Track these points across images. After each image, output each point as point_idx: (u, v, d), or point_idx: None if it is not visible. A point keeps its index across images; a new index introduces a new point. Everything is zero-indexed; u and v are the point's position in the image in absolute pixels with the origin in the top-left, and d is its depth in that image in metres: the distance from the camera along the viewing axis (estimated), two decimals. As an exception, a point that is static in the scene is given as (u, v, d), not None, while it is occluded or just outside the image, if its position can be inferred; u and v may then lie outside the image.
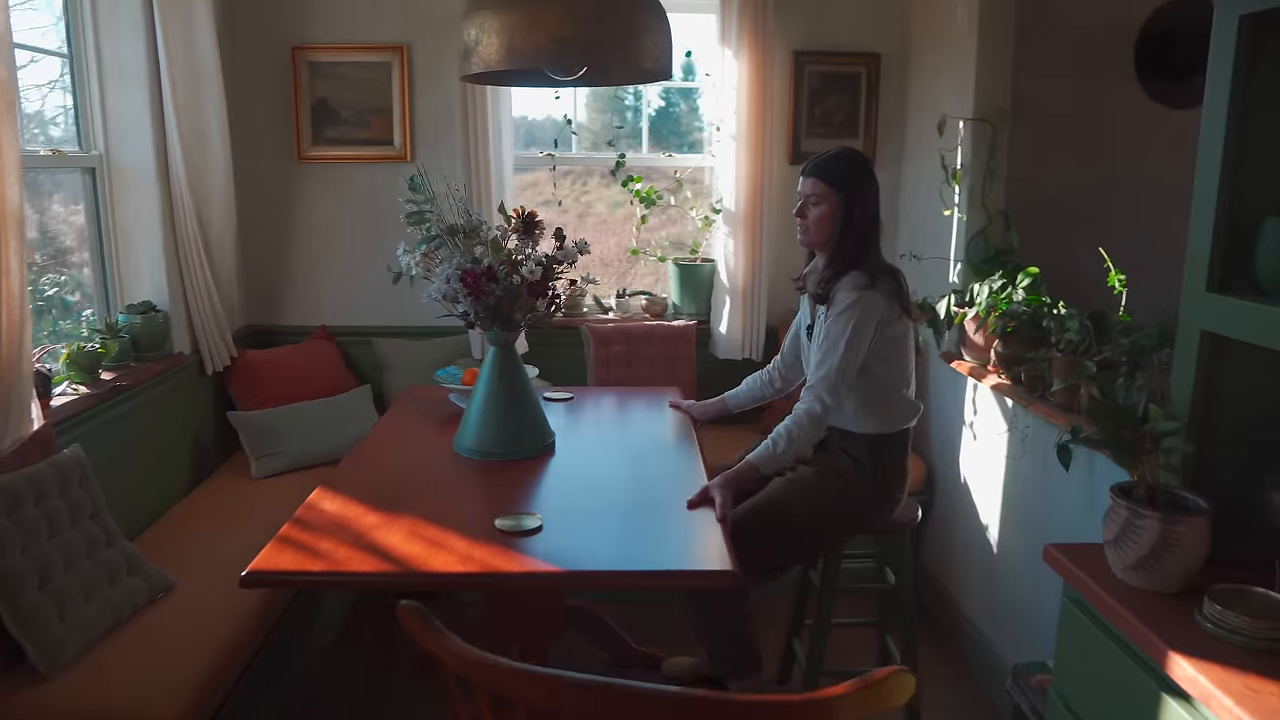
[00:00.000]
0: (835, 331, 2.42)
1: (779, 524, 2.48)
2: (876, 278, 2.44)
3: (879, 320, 2.43)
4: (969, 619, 3.24)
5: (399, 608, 1.29)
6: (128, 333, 3.18)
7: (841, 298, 2.44)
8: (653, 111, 4.28)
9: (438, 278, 2.50)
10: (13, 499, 2.14)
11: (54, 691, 2.04)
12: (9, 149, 2.22)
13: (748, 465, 2.43)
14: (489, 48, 2.34)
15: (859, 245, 2.48)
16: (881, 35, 4.01)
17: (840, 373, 2.40)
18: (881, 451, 2.54)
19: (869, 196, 2.50)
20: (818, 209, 2.50)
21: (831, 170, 2.49)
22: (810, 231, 2.54)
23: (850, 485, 2.52)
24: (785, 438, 2.41)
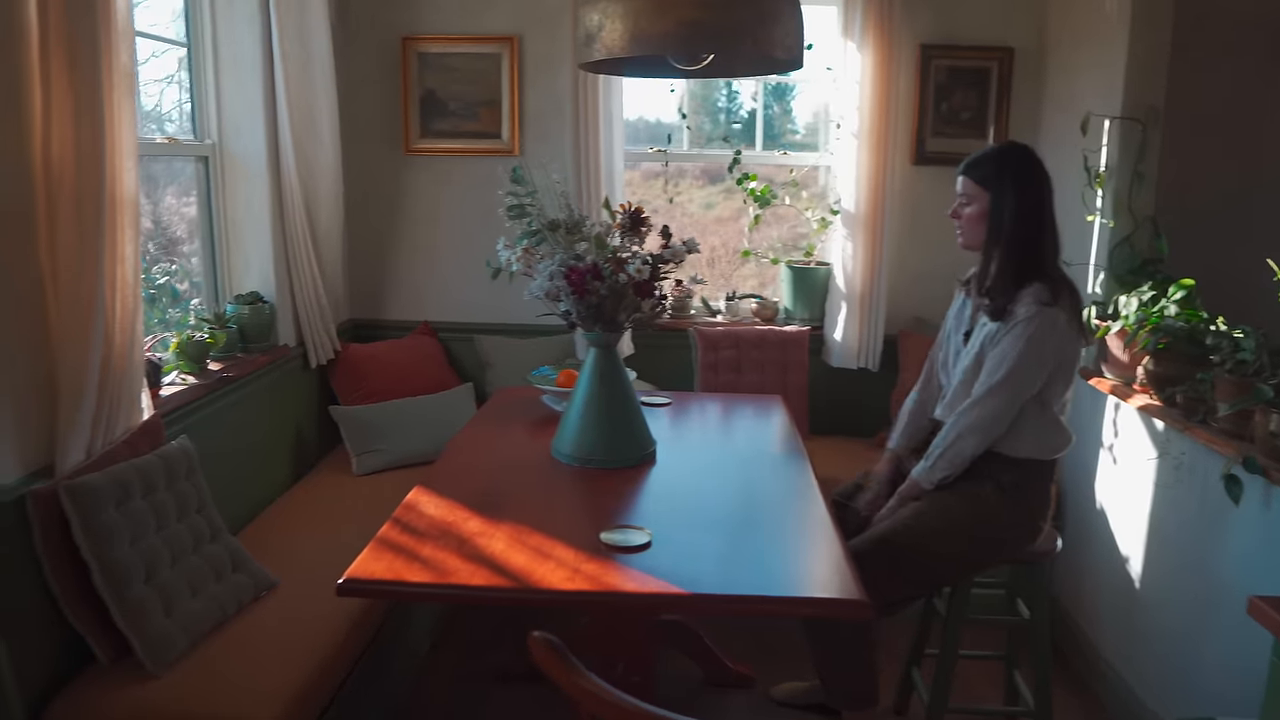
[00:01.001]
0: (1012, 347, 2.25)
1: (913, 551, 2.29)
2: (1059, 293, 2.26)
3: (1058, 341, 2.25)
4: (1105, 659, 2.98)
5: (530, 639, 1.18)
6: (235, 323, 3.17)
7: (1022, 312, 2.25)
8: (745, 114, 4.11)
9: (540, 274, 2.39)
10: (122, 490, 2.11)
11: (160, 689, 2.00)
12: (126, 133, 2.19)
13: (912, 484, 2.38)
14: (612, 33, 2.22)
15: (1023, 250, 2.29)
16: (1016, 28, 3.77)
17: (1014, 391, 2.26)
18: (1029, 477, 2.34)
19: (1028, 196, 2.30)
20: (969, 209, 2.37)
21: (981, 168, 2.34)
22: (965, 233, 2.40)
23: (993, 511, 2.32)
24: (939, 457, 2.31)
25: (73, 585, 2.03)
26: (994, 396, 2.26)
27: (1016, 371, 2.24)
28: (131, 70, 2.23)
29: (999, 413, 2.26)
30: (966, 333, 2.46)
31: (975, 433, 2.28)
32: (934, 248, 3.85)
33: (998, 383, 2.25)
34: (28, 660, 1.98)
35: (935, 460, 2.34)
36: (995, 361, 2.27)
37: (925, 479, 2.35)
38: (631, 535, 2.00)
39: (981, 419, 2.28)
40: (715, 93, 4.12)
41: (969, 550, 2.33)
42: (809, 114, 4.13)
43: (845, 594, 1.81)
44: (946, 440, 2.32)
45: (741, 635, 3.25)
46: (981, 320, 2.38)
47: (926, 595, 2.63)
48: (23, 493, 1.98)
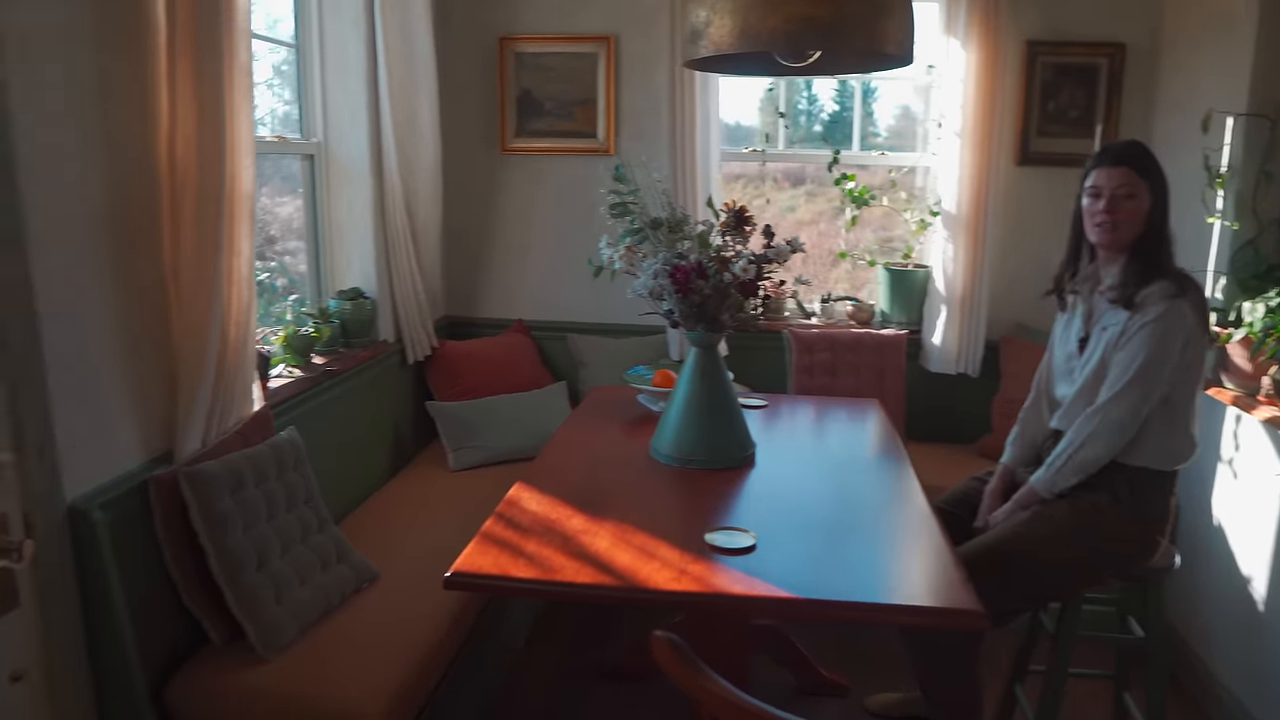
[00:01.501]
0: (1141, 347, 2.15)
1: (1022, 561, 2.21)
2: (1185, 287, 2.16)
3: (1186, 337, 2.14)
4: (1222, 685, 2.84)
5: (653, 638, 1.16)
6: (337, 318, 3.24)
7: (1150, 307, 2.15)
8: (826, 116, 4.04)
9: (644, 272, 2.38)
10: (236, 479, 2.16)
11: (270, 673, 2.05)
12: (245, 131, 2.25)
13: (1029, 491, 2.30)
14: (720, 29, 2.19)
15: (1165, 249, 2.21)
16: (1128, 23, 3.63)
17: (1144, 392, 2.15)
18: (1148, 488, 2.24)
19: (1167, 194, 2.24)
20: (1131, 202, 2.21)
21: (1144, 160, 2.22)
22: (1120, 229, 2.22)
23: (1108, 522, 2.23)
24: (1065, 462, 2.22)
25: (191, 570, 2.10)
26: (1122, 399, 2.16)
27: (1146, 371, 2.14)
28: (249, 69, 2.29)
29: (1128, 416, 2.16)
30: (1082, 339, 2.36)
31: (1102, 439, 2.19)
32: (1038, 251, 3.72)
33: (1126, 384, 2.16)
34: (150, 640, 2.05)
35: (1059, 468, 2.24)
36: (1123, 363, 2.17)
37: (1045, 488, 2.26)
38: (736, 537, 1.98)
39: (1109, 424, 2.18)
40: (796, 95, 4.06)
41: (1081, 562, 2.24)
42: (891, 116, 4.05)
43: (959, 604, 1.75)
44: (1071, 447, 2.22)
45: (834, 643, 3.19)
46: (1100, 326, 2.28)
47: (1035, 608, 2.54)
48: (145, 478, 2.05)
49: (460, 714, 2.43)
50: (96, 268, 1.96)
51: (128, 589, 1.97)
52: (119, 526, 1.97)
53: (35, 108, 1.78)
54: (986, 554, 2.22)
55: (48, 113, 1.82)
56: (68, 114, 1.87)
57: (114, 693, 1.96)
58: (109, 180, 1.98)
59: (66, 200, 1.87)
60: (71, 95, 1.88)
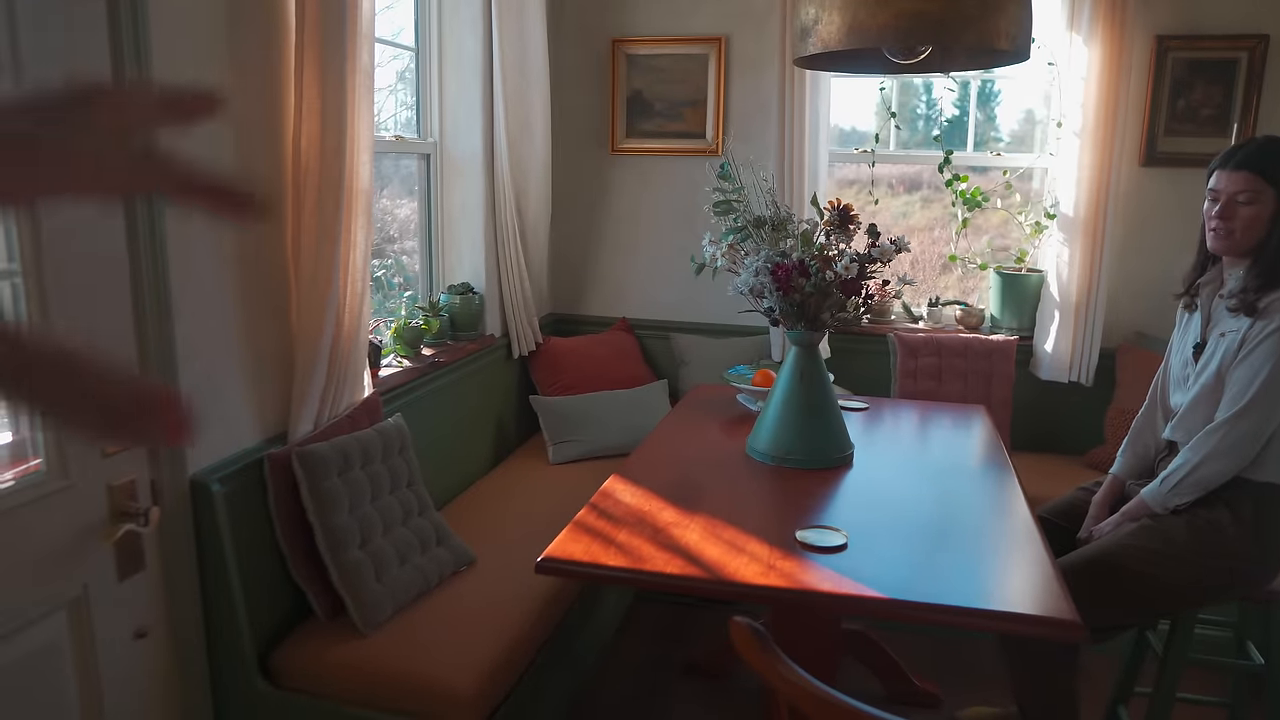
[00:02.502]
0: (1265, 360, 2.05)
1: (1129, 574, 2.12)
2: None
3: None
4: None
5: (731, 623, 1.17)
6: (447, 312, 3.35)
7: (1274, 315, 2.06)
8: (946, 120, 3.93)
9: (746, 270, 2.38)
10: (344, 460, 2.26)
11: (369, 647, 2.13)
12: (364, 129, 2.35)
13: (1139, 504, 2.22)
14: (829, 26, 2.19)
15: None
16: (1273, 12, 3.42)
17: (1268, 409, 2.06)
18: (1272, 505, 2.11)
19: None
20: (1250, 208, 2.11)
21: (1266, 162, 2.10)
22: (1236, 235, 2.14)
23: (1225, 541, 2.11)
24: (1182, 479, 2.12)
25: (299, 545, 2.20)
26: (1245, 418, 2.06)
27: (1270, 385, 2.03)
28: (371, 70, 2.39)
29: (1250, 435, 2.06)
30: (1198, 345, 2.25)
31: (1223, 458, 2.08)
32: (1161, 257, 3.56)
33: (1250, 401, 2.05)
34: (260, 609, 2.17)
35: (1175, 485, 2.15)
36: (1246, 376, 2.07)
37: (1158, 502, 2.17)
38: (827, 535, 1.96)
39: (1231, 443, 2.07)
40: (914, 99, 3.98)
41: (1194, 580, 2.13)
42: (1014, 120, 3.92)
43: (1055, 612, 1.69)
44: (1189, 465, 2.12)
45: (928, 654, 3.12)
46: (1218, 332, 2.18)
47: (1140, 624, 2.43)
48: (261, 455, 2.17)
49: (548, 696, 2.48)
50: (224, 257, 2.09)
51: (241, 559, 2.09)
52: (235, 500, 2.09)
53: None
54: (1089, 565, 2.14)
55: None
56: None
57: (226, 655, 2.08)
58: (239, 174, 2.10)
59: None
60: (205, 93, 2.00)
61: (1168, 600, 2.17)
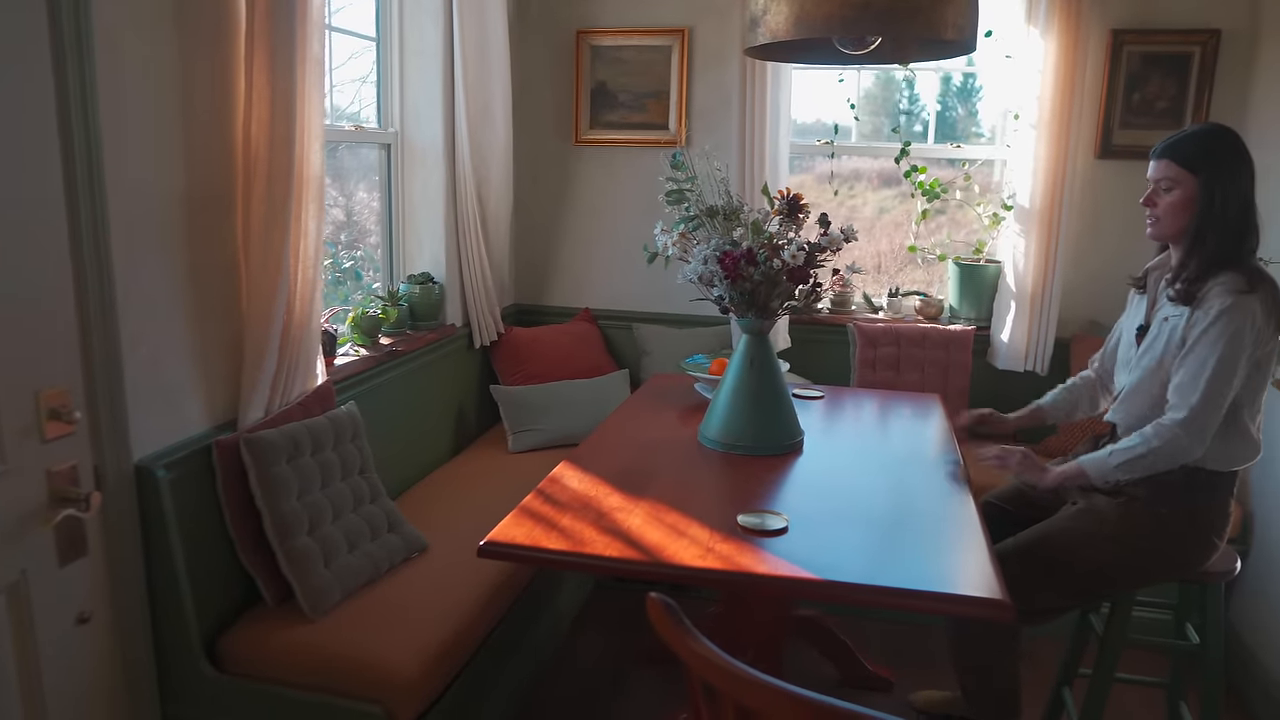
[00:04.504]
0: (1206, 346, 2.03)
1: (1065, 557, 2.16)
2: (1255, 283, 2.04)
3: (1255, 335, 2.03)
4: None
5: (648, 598, 1.19)
6: (406, 301, 3.35)
7: (1213, 303, 2.04)
8: (928, 115, 3.96)
9: (695, 258, 2.41)
10: (294, 447, 2.27)
11: (315, 633, 2.14)
12: (314, 117, 2.35)
13: (1077, 469, 2.17)
14: (778, 16, 2.21)
15: (1232, 239, 2.08)
16: (1225, 7, 3.47)
17: (1217, 405, 2.04)
18: (1203, 489, 2.14)
19: (1236, 181, 2.09)
20: (1169, 195, 2.14)
21: (1185, 150, 2.12)
22: (1161, 222, 2.17)
23: (1160, 524, 2.15)
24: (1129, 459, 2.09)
25: (247, 531, 2.21)
26: (1194, 421, 2.04)
27: (1215, 382, 2.02)
28: (321, 59, 2.39)
29: (1199, 434, 2.05)
30: (1141, 328, 2.27)
31: (1170, 456, 2.07)
32: (1115, 247, 3.61)
33: (1199, 401, 2.03)
34: (209, 594, 2.18)
35: (1118, 465, 2.12)
36: (1191, 371, 2.05)
37: (1100, 475, 2.15)
38: (769, 519, 1.99)
39: (1185, 445, 2.05)
40: (896, 94, 4.01)
41: (1128, 563, 2.17)
42: (996, 112, 3.95)
43: (986, 593, 1.72)
44: (1134, 454, 2.09)
45: (884, 638, 3.16)
46: (1161, 315, 2.19)
47: (1080, 607, 2.47)
48: (209, 442, 2.17)
49: (499, 683, 2.50)
50: (172, 243, 2.09)
51: (188, 545, 2.10)
52: (182, 486, 2.10)
53: (119, 95, 1.90)
54: (1026, 551, 2.18)
55: (130, 99, 1.94)
56: (150, 101, 2.00)
57: (171, 640, 2.09)
58: (187, 162, 2.11)
59: (146, 182, 2.00)
60: (154, 83, 2.00)
61: (1103, 582, 2.20)
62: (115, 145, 1.90)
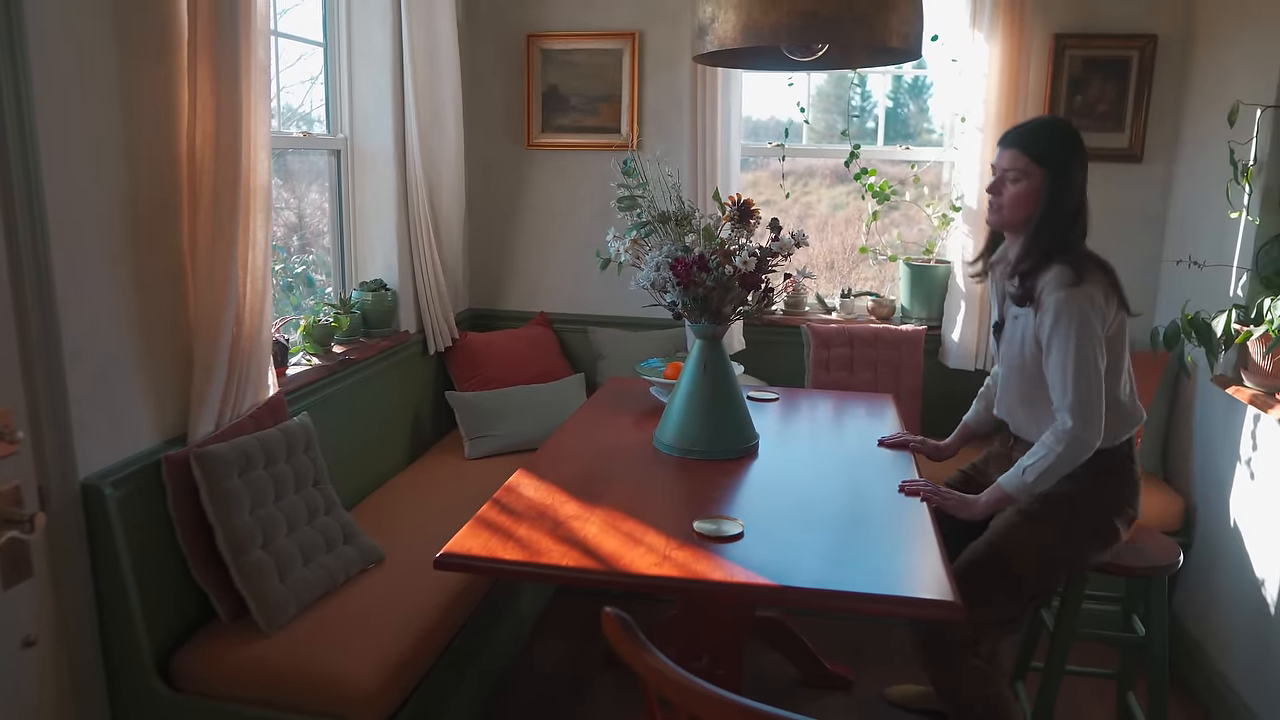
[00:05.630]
0: (1059, 347, 2.09)
1: (1010, 561, 2.21)
2: (1083, 271, 2.10)
3: (1100, 316, 2.09)
4: (1230, 687, 2.79)
5: (603, 613, 1.20)
6: (359, 309, 3.32)
7: (1051, 301, 2.09)
8: (879, 113, 4.02)
9: (647, 265, 2.42)
10: (245, 460, 2.24)
11: (270, 648, 2.12)
12: (260, 127, 2.33)
13: (1000, 493, 2.19)
14: (725, 24, 2.22)
15: (1062, 231, 2.14)
16: (1161, 14, 3.56)
17: (1086, 394, 2.07)
18: (1105, 468, 2.20)
19: (1078, 175, 2.16)
20: (1016, 186, 2.18)
21: (1037, 142, 2.17)
22: (1004, 211, 2.22)
23: (1075, 504, 2.21)
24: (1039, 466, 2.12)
25: (200, 547, 2.18)
26: (1082, 414, 2.08)
27: (1081, 372, 2.07)
28: (267, 67, 2.37)
29: (1093, 427, 2.09)
30: (997, 324, 2.32)
31: (1076, 456, 2.11)
32: (1063, 247, 3.69)
33: (1075, 399, 2.07)
34: (162, 613, 2.15)
35: (1035, 479, 2.14)
36: (1057, 378, 2.10)
37: (1021, 492, 2.18)
38: (724, 525, 2.01)
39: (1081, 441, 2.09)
40: (848, 91, 4.06)
41: (1061, 548, 2.22)
42: (947, 112, 4.01)
43: (939, 595, 1.76)
44: (1045, 463, 2.12)
45: (846, 637, 3.20)
46: (1011, 314, 2.25)
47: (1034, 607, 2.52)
48: (158, 458, 2.14)
49: (460, 693, 2.49)
50: (115, 256, 2.05)
51: (139, 564, 2.07)
52: (131, 503, 2.07)
53: (57, 103, 1.87)
54: (976, 564, 2.22)
55: (69, 108, 1.90)
56: (89, 109, 1.96)
57: (122, 660, 2.06)
58: (129, 172, 2.07)
59: (87, 191, 1.96)
60: (93, 91, 1.97)
61: (1049, 574, 2.24)
62: (54, 155, 1.86)
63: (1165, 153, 3.62)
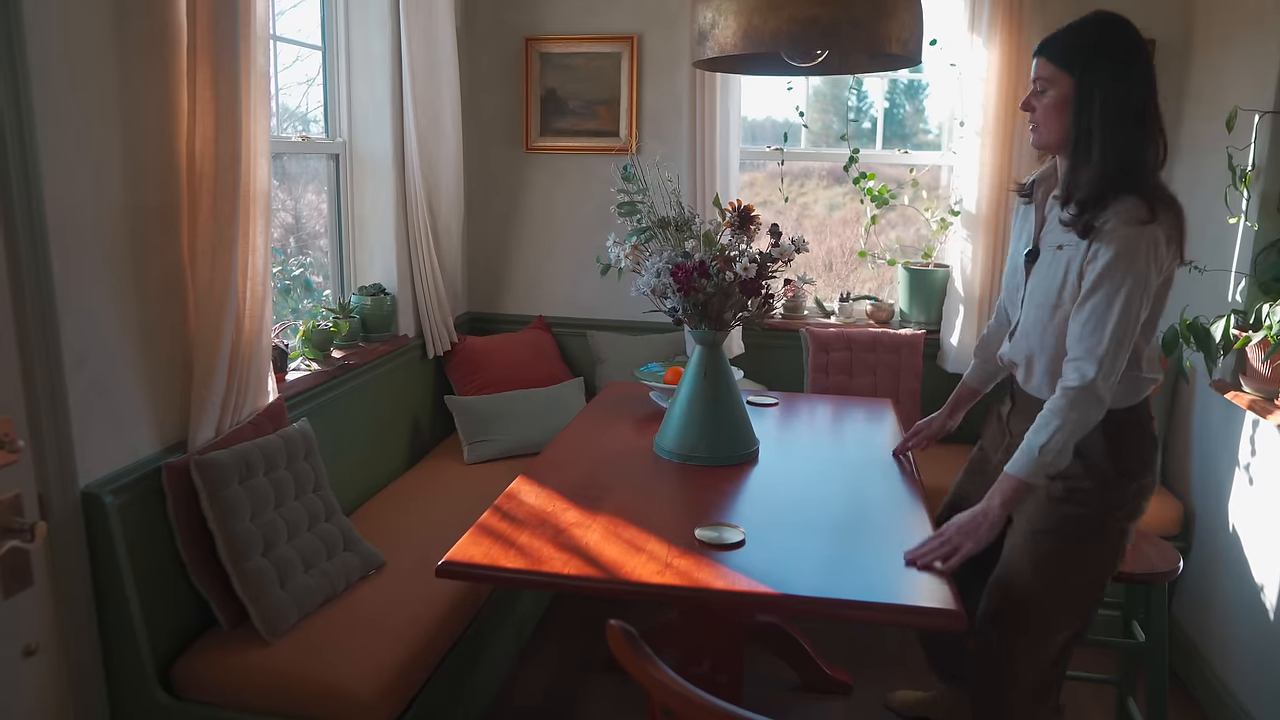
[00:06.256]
0: (1109, 289, 1.80)
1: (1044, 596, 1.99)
2: (1156, 209, 1.79)
3: (1157, 266, 1.82)
4: (1231, 693, 2.80)
5: (607, 626, 1.20)
6: (358, 313, 3.32)
7: (1113, 237, 1.79)
8: (875, 114, 4.02)
9: (647, 270, 2.42)
10: (246, 467, 2.24)
11: (271, 656, 2.12)
12: (261, 132, 2.32)
13: (1012, 483, 1.88)
14: (725, 30, 2.22)
15: (1119, 150, 1.81)
16: (1158, 19, 3.56)
17: (1118, 349, 1.80)
18: (1122, 430, 1.93)
19: (1122, 79, 1.81)
20: (1045, 97, 1.92)
21: (1061, 46, 1.89)
22: (1040, 129, 1.95)
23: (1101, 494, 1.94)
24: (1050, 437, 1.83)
25: (200, 554, 2.18)
26: (1106, 372, 1.80)
27: (1121, 326, 1.80)
28: (267, 72, 2.36)
29: (1108, 389, 1.82)
30: (1030, 252, 2.04)
31: (1089, 422, 1.85)
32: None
33: (1107, 353, 1.80)
34: (163, 620, 2.14)
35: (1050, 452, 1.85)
36: (1097, 319, 1.81)
37: (1036, 473, 1.88)
38: (726, 533, 2.01)
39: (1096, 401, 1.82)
40: (844, 92, 4.06)
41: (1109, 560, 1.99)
42: (943, 114, 4.01)
43: (940, 603, 1.76)
44: (1059, 434, 1.84)
45: (843, 641, 3.20)
46: (1053, 243, 1.95)
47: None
48: (159, 465, 2.14)
49: (460, 699, 2.49)
50: (115, 264, 2.04)
51: (139, 571, 2.06)
52: (132, 511, 2.06)
53: (57, 110, 1.86)
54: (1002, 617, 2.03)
55: (69, 114, 1.90)
56: (89, 116, 1.95)
57: (124, 669, 2.05)
58: (129, 179, 2.06)
59: (86, 198, 1.96)
60: (92, 98, 1.96)
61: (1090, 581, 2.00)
62: (53, 161, 1.86)
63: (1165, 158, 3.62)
